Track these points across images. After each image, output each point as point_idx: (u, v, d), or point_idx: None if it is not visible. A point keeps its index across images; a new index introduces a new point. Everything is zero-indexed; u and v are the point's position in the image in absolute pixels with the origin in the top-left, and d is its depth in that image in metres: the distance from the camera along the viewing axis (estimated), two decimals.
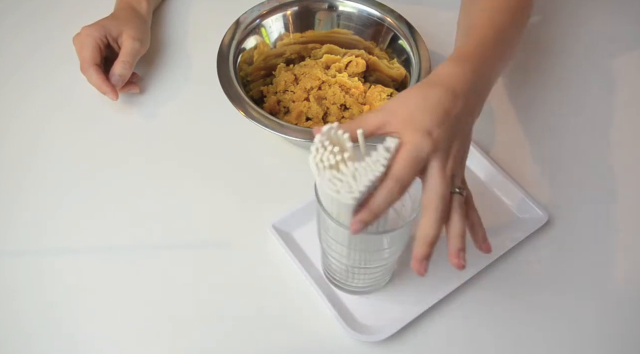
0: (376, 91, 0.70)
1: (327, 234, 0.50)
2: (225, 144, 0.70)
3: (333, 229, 0.48)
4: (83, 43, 0.69)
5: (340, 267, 0.54)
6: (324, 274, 0.60)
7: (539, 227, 0.62)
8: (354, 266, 0.53)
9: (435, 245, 0.46)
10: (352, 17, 0.73)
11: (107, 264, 0.61)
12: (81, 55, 0.69)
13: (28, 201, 0.65)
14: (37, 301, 0.58)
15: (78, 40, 0.69)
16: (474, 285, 0.59)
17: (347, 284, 0.58)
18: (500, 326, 0.58)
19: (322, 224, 0.50)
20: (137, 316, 0.58)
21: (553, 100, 0.74)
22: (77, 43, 0.69)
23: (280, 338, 0.57)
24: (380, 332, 0.55)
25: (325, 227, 0.49)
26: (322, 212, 0.47)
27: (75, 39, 0.70)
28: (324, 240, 0.52)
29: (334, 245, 0.51)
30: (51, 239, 0.62)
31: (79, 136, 0.70)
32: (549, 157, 0.69)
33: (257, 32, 0.71)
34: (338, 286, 0.59)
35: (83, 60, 0.68)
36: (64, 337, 0.57)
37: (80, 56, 0.69)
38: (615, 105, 0.73)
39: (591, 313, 0.59)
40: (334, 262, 0.54)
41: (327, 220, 0.47)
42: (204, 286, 0.59)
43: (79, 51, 0.69)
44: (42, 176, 0.67)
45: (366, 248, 0.50)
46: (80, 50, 0.69)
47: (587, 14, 0.84)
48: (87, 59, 0.68)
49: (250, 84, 0.71)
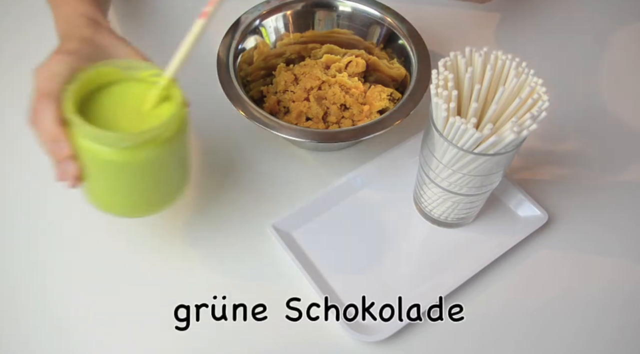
0: (376, 91, 0.70)
1: (439, 164, 0.54)
2: (225, 143, 0.70)
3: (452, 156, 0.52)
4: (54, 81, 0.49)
5: (444, 197, 0.58)
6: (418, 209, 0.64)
7: (539, 227, 0.62)
8: (460, 194, 0.57)
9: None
10: (352, 17, 0.73)
11: (107, 263, 0.61)
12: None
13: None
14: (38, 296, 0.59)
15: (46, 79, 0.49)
16: (474, 285, 0.59)
17: (443, 216, 0.62)
18: (500, 326, 0.58)
19: (434, 154, 0.54)
20: (136, 316, 0.58)
21: (553, 100, 0.74)
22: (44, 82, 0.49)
23: (280, 338, 0.57)
24: (380, 332, 0.56)
25: (439, 156, 0.54)
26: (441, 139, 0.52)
27: (40, 76, 0.50)
28: (435, 173, 0.56)
29: (446, 174, 0.55)
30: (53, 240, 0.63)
31: None
32: (549, 157, 0.69)
33: (257, 32, 0.71)
34: (433, 219, 0.63)
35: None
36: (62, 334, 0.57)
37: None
38: (615, 104, 0.73)
39: (591, 312, 0.59)
40: (438, 194, 0.58)
41: (448, 147, 0.52)
42: (203, 285, 0.59)
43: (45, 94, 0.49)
44: (36, 178, 0.67)
45: (481, 172, 0.53)
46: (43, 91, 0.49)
47: None
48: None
49: (250, 84, 0.71)
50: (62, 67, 0.50)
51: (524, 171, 0.67)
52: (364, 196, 0.66)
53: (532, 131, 0.49)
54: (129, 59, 0.53)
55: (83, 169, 0.50)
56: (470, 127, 0.49)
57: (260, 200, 0.65)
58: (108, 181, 0.51)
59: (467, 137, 0.50)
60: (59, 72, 0.49)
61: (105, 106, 0.50)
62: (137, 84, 0.51)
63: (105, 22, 0.57)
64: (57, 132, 0.48)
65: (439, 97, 0.51)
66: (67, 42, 0.53)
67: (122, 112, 0.50)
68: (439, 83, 0.51)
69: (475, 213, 0.63)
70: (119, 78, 0.51)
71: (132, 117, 0.50)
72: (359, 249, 0.62)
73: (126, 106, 0.50)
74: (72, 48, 0.52)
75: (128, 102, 0.50)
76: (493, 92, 0.53)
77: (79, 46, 0.52)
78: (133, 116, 0.50)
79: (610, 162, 0.69)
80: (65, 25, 0.56)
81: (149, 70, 0.51)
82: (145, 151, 0.48)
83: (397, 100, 0.69)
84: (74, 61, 0.50)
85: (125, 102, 0.50)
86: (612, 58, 0.80)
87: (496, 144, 0.50)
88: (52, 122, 0.48)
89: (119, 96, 0.51)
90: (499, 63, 0.53)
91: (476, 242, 0.62)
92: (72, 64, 0.50)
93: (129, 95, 0.51)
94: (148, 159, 0.49)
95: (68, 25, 0.56)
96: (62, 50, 0.51)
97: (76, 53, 0.51)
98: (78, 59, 0.51)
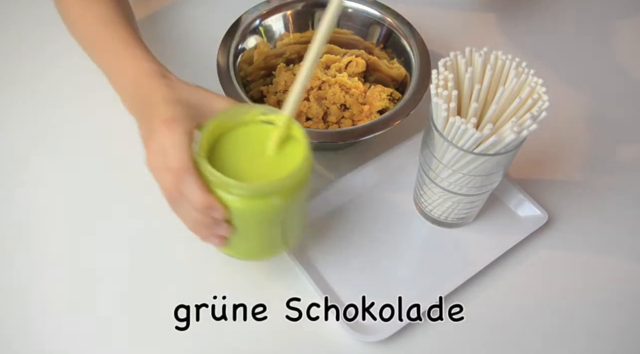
0: (376, 91, 0.70)
1: (439, 164, 0.54)
2: None
3: (451, 157, 0.52)
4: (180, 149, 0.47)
5: (445, 197, 0.58)
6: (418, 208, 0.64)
7: (539, 227, 0.62)
8: (460, 194, 0.57)
9: None
10: (352, 17, 0.73)
11: (108, 263, 0.61)
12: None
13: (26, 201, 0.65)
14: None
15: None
16: (474, 285, 0.59)
17: (443, 216, 0.62)
18: (500, 326, 0.58)
19: (434, 154, 0.54)
20: (136, 316, 0.58)
21: (553, 100, 0.74)
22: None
23: (280, 338, 0.57)
24: (380, 332, 0.55)
25: (439, 156, 0.54)
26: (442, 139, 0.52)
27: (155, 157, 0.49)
28: (435, 173, 0.56)
29: (446, 174, 0.55)
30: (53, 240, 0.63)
31: (78, 136, 0.70)
32: (549, 157, 0.69)
33: (257, 32, 0.71)
34: (433, 219, 0.63)
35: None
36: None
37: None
38: (615, 104, 0.73)
39: (591, 312, 0.59)
40: (438, 194, 0.58)
41: (448, 147, 0.52)
42: (203, 285, 0.59)
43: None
44: (38, 175, 0.67)
45: (481, 172, 0.53)
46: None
47: None
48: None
49: (250, 84, 0.71)
50: (180, 136, 0.47)
51: (524, 171, 0.67)
52: (364, 196, 0.66)
53: (532, 131, 0.49)
54: (229, 106, 0.51)
55: None
56: (470, 127, 0.49)
57: None
58: (241, 227, 0.51)
59: (467, 137, 0.50)
60: (180, 142, 0.47)
61: (228, 154, 0.49)
62: (250, 127, 0.51)
63: (168, 73, 0.54)
64: (210, 200, 0.47)
65: (439, 97, 0.51)
66: (164, 109, 0.49)
67: (245, 158, 0.49)
68: (439, 83, 0.51)
69: (475, 213, 0.63)
70: (231, 126, 0.51)
71: (257, 161, 0.49)
72: (359, 249, 0.62)
73: (248, 150, 0.50)
74: (175, 114, 0.48)
75: (249, 146, 0.50)
76: (493, 92, 0.53)
77: (179, 109, 0.49)
78: (258, 160, 0.49)
79: (610, 162, 0.69)
80: (139, 90, 0.53)
81: (255, 110, 0.51)
82: (279, 197, 0.48)
83: (397, 100, 0.69)
84: (186, 125, 0.48)
85: (246, 147, 0.50)
86: (613, 57, 0.80)
87: (496, 144, 0.50)
88: (201, 193, 0.46)
89: (239, 143, 0.50)
90: (499, 63, 0.53)
91: (476, 242, 0.62)
92: (186, 129, 0.48)
93: (248, 139, 0.50)
94: (280, 205, 0.49)
95: (143, 89, 0.52)
96: (167, 120, 0.48)
97: (182, 117, 0.48)
98: (188, 121, 0.48)
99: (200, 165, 0.47)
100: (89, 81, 0.67)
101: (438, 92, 0.51)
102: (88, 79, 0.66)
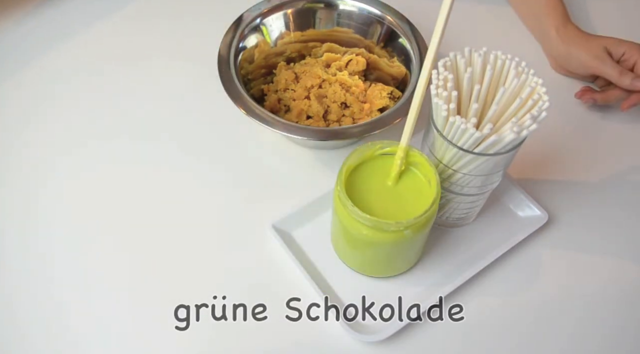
0: (376, 89, 0.70)
1: (439, 164, 0.55)
2: (226, 142, 0.70)
3: (453, 156, 0.53)
4: None
5: (445, 197, 0.58)
6: None
7: (539, 227, 0.62)
8: (460, 194, 0.57)
9: None
10: (352, 15, 0.72)
11: (108, 263, 0.61)
12: None
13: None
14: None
15: None
16: (474, 285, 0.59)
17: (444, 216, 0.62)
18: (500, 326, 0.58)
19: (435, 153, 0.55)
20: (136, 316, 0.58)
21: (553, 100, 0.74)
22: None
23: (280, 338, 0.57)
24: (380, 332, 0.56)
25: (439, 155, 0.54)
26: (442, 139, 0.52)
27: None
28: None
29: (447, 175, 0.55)
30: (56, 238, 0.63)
31: (79, 135, 0.70)
32: (549, 157, 0.69)
33: (258, 31, 0.71)
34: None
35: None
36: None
37: None
38: (616, 105, 0.73)
39: (591, 312, 0.59)
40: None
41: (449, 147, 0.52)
42: (203, 285, 0.59)
43: None
44: (38, 175, 0.67)
45: (481, 172, 0.53)
46: None
47: None
48: None
49: (251, 82, 0.71)
50: None
51: (524, 171, 0.67)
52: None
53: (532, 131, 0.49)
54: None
55: (345, 235, 0.55)
56: (470, 126, 0.49)
57: (261, 200, 0.65)
58: (371, 251, 0.56)
59: (467, 137, 0.50)
60: None
61: (357, 187, 0.54)
62: (376, 161, 0.56)
63: None
64: None
65: (439, 97, 0.50)
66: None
67: (371, 191, 0.54)
68: (439, 83, 0.51)
69: (476, 213, 0.62)
70: (357, 164, 0.55)
71: (381, 194, 0.54)
72: None
73: (373, 184, 0.55)
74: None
75: (373, 179, 0.55)
76: (493, 92, 0.53)
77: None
78: (382, 193, 0.54)
79: (610, 162, 0.69)
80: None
81: (375, 145, 0.55)
82: (412, 229, 0.52)
83: (398, 98, 0.69)
84: None
85: (371, 180, 0.55)
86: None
87: (496, 144, 0.50)
88: None
89: (366, 177, 0.55)
90: (498, 63, 0.53)
91: (476, 243, 0.62)
92: None
93: (373, 172, 0.55)
94: (407, 238, 0.53)
95: None
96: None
97: None
98: None
99: (346, 205, 0.52)
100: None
101: (438, 93, 0.51)
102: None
